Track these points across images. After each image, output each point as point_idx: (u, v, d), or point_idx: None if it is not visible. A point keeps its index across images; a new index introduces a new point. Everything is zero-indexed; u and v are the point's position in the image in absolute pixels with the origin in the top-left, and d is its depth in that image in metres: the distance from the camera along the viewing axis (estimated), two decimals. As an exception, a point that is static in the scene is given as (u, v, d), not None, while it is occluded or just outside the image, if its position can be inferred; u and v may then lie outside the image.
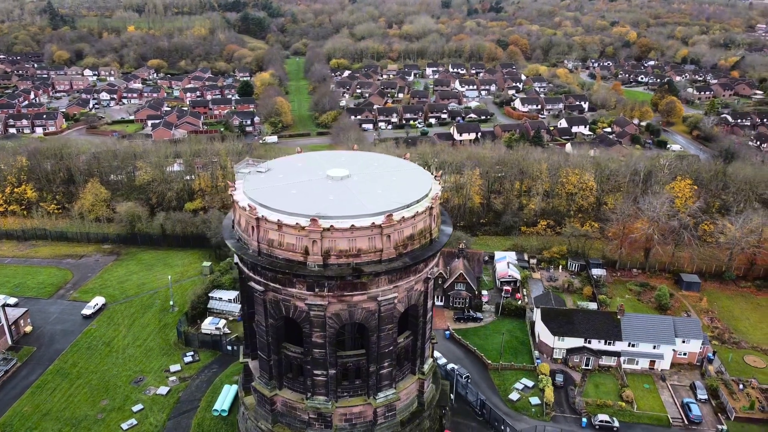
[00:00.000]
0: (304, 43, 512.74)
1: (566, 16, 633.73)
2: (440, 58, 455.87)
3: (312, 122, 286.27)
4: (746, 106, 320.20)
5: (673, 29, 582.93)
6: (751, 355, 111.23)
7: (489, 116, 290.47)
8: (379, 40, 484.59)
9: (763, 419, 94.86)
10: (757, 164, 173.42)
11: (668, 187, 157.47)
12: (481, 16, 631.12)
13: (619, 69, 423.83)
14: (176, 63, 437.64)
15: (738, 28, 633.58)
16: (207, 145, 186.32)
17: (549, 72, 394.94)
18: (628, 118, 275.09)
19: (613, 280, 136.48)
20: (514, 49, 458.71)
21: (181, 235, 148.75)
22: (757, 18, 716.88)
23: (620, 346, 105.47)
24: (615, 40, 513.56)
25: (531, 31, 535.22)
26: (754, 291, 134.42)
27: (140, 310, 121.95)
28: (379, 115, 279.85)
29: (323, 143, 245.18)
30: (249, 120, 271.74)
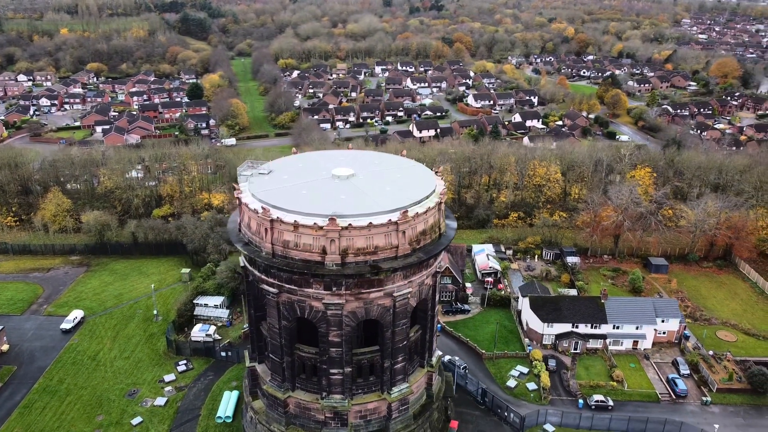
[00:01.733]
0: (248, 43, 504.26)
1: (505, 14, 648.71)
2: (388, 57, 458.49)
3: (268, 123, 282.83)
4: (683, 97, 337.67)
5: (607, 25, 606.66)
6: (722, 330, 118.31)
7: (444, 113, 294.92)
8: (325, 40, 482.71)
9: (741, 389, 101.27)
10: (704, 152, 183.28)
11: (629, 176, 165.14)
12: (424, 15, 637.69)
13: (561, 64, 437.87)
14: (117, 66, 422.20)
15: (665, 23, 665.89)
16: (169, 150, 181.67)
17: (496, 68, 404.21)
18: (577, 111, 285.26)
19: (586, 266, 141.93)
20: (459, 46, 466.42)
21: (155, 242, 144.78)
22: (682, 13, 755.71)
23: (605, 329, 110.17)
24: (554, 36, 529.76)
25: (473, 28, 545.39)
26: (715, 270, 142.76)
27: (122, 321, 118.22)
28: (336, 114, 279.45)
29: (283, 144, 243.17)
30: (204, 123, 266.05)
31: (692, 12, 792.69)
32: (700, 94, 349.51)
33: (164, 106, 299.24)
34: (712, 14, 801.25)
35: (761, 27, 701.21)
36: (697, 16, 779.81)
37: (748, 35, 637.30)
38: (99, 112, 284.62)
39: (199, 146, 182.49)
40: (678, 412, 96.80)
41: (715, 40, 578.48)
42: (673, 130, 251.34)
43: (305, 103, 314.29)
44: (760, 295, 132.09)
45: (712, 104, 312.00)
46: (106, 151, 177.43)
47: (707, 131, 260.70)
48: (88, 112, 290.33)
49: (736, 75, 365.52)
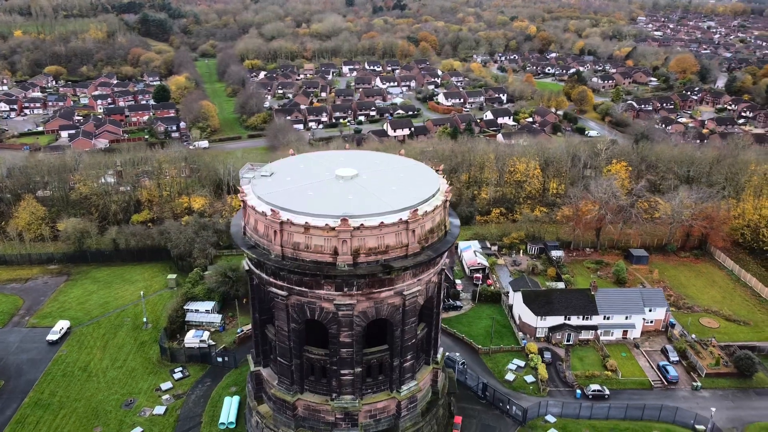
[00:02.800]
0: (211, 44, 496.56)
1: (468, 13, 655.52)
2: (354, 56, 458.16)
3: (239, 125, 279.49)
4: (645, 93, 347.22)
5: (567, 23, 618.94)
6: (704, 317, 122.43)
7: (416, 112, 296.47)
8: (291, 40, 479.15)
9: (728, 373, 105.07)
10: (675, 145, 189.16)
11: (605, 170, 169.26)
12: (387, 14, 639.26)
13: (526, 62, 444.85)
14: (77, 69, 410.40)
15: (622, 20, 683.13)
16: (145, 154, 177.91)
17: (463, 67, 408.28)
18: (546, 108, 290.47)
19: (570, 260, 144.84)
20: (425, 45, 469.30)
21: (137, 248, 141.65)
22: (637, 11, 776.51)
23: (596, 320, 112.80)
24: (517, 35, 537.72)
25: (438, 27, 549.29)
26: (693, 260, 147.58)
27: (111, 330, 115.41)
28: (308, 114, 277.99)
29: (257, 146, 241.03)
30: (174, 125, 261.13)
31: (647, 10, 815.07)
32: (661, 89, 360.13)
33: (131, 109, 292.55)
34: (665, 12, 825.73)
35: (712, 24, 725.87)
36: (652, 13, 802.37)
37: (700, 32, 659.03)
38: (63, 116, 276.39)
39: (176, 149, 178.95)
40: (671, 398, 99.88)
41: (670, 37, 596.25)
42: (639, 125, 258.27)
43: (275, 104, 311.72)
44: (737, 283, 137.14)
45: (674, 99, 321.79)
46: (79, 156, 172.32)
47: (672, 125, 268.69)
48: (51, 117, 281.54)
49: (694, 71, 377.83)
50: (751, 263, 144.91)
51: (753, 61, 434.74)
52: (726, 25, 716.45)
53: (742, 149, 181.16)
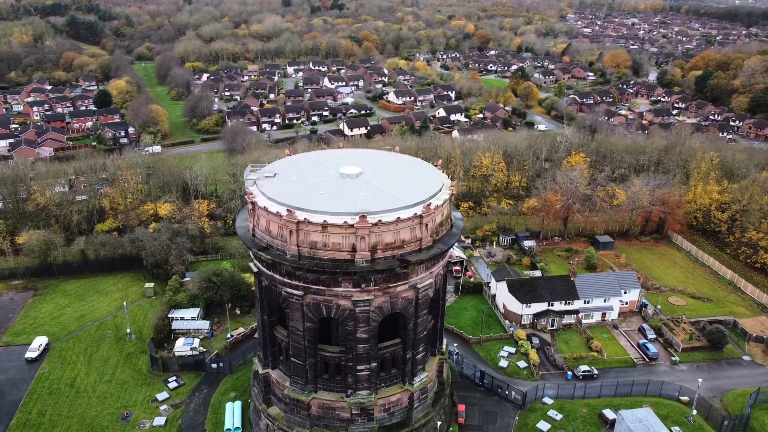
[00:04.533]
0: (147, 47, 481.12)
1: (406, 12, 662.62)
2: (298, 57, 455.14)
3: (189, 129, 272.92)
4: (585, 87, 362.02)
5: (502, 21, 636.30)
6: (672, 296, 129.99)
7: (369, 110, 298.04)
8: (232, 41, 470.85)
9: (702, 346, 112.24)
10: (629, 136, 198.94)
11: (565, 162, 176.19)
12: (326, 14, 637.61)
13: (468, 59, 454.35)
14: (5, 75, 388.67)
15: (553, 18, 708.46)
16: (102, 161, 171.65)
17: (408, 65, 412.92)
18: (495, 104, 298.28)
19: (541, 249, 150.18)
20: (368, 44, 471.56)
21: (108, 258, 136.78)
22: (566, 9, 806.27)
23: (578, 304, 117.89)
24: (456, 33, 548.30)
25: (378, 27, 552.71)
26: (653, 243, 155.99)
27: (92, 343, 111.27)
28: (261, 116, 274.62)
29: (212, 149, 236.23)
30: (123, 131, 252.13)
31: (574, 8, 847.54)
32: (599, 83, 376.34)
33: (72, 116, 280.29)
34: (592, 9, 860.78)
35: (636, 21, 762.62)
36: (579, 11, 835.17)
37: (626, 28, 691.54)
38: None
39: (135, 155, 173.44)
40: (654, 373, 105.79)
41: (599, 34, 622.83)
42: (583, 118, 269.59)
43: (223, 107, 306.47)
44: (695, 263, 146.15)
45: (612, 92, 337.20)
46: (32, 166, 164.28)
47: (614, 117, 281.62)
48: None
49: (627, 65, 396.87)
50: (705, 244, 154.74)
51: (678, 55, 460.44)
52: (648, 22, 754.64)
53: (687, 138, 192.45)
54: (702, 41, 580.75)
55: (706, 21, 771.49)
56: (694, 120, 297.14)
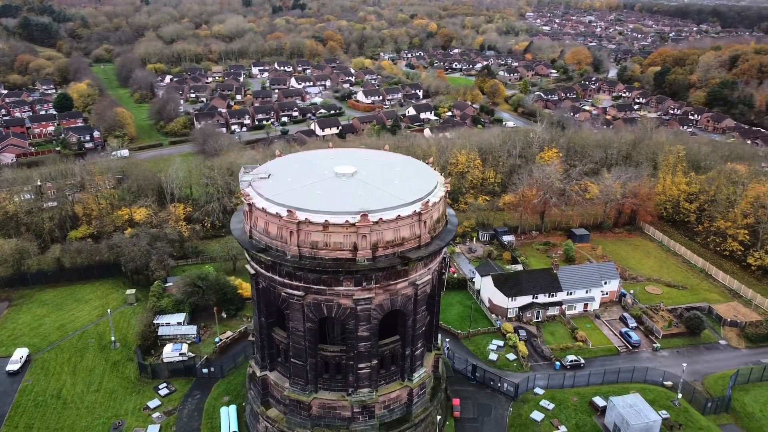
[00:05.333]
0: (106, 49, 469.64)
1: (368, 11, 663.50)
2: (262, 57, 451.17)
3: (156, 132, 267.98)
4: (549, 84, 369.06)
5: (463, 20, 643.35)
6: (648, 285, 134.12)
7: (338, 110, 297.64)
8: (194, 42, 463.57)
9: (680, 332, 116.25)
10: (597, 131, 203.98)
11: (538, 157, 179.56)
12: (288, 14, 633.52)
13: (432, 58, 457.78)
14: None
15: (513, 16, 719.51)
16: (72, 166, 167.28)
17: (374, 65, 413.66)
18: (463, 102, 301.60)
19: (519, 243, 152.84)
20: (333, 44, 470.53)
21: (84, 266, 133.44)
22: (525, 7, 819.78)
23: (561, 296, 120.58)
24: (419, 32, 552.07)
25: (342, 26, 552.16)
26: (626, 234, 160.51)
27: (76, 353, 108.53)
28: (230, 117, 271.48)
29: (182, 152, 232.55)
30: (87, 135, 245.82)
31: (533, 6, 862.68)
32: (562, 80, 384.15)
33: (32, 120, 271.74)
34: (550, 8, 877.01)
35: (592, 18, 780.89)
36: (538, 9, 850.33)
37: (583, 26, 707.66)
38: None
39: (106, 160, 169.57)
40: (637, 360, 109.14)
41: (558, 31, 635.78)
42: (549, 114, 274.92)
43: (189, 109, 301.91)
44: (668, 252, 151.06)
45: (575, 89, 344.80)
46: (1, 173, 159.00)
47: (579, 113, 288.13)
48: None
49: (588, 62, 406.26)
50: (676, 234, 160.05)
51: (636, 51, 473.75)
52: (604, 19, 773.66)
53: (653, 132, 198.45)
54: (656, 38, 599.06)
55: (659, 18, 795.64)
56: (655, 114, 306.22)
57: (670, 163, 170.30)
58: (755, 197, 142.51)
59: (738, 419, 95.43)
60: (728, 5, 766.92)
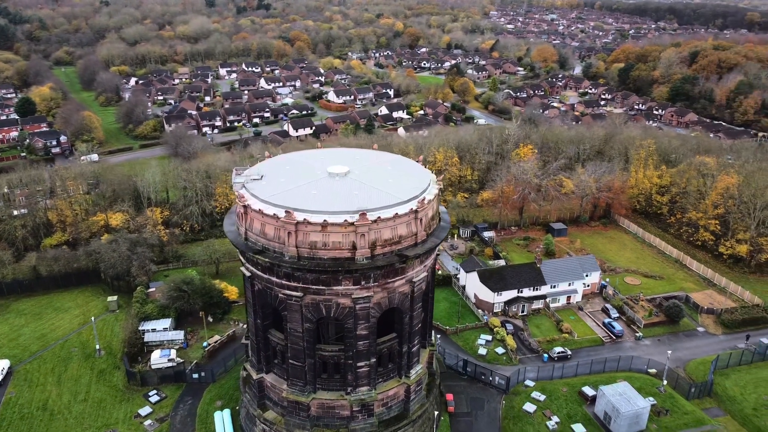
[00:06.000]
0: (66, 51, 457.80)
1: (334, 11, 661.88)
2: (229, 58, 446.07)
3: (125, 135, 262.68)
4: (517, 81, 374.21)
5: (428, 18, 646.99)
6: (627, 276, 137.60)
7: (311, 111, 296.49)
8: (159, 44, 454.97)
9: (660, 321, 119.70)
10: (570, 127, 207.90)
11: (514, 154, 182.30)
12: (253, 14, 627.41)
13: (401, 57, 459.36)
14: None
15: (477, 15, 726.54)
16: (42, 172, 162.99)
17: (343, 64, 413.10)
18: (435, 100, 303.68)
19: (499, 239, 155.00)
20: (300, 44, 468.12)
21: (62, 274, 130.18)
22: (489, 6, 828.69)
23: (545, 289, 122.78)
24: (386, 31, 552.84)
25: (308, 26, 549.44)
26: (602, 228, 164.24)
27: (59, 363, 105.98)
28: (201, 119, 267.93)
29: (155, 155, 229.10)
30: (54, 140, 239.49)
31: (496, 5, 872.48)
32: (529, 77, 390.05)
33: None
34: (513, 6, 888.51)
35: (554, 16, 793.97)
36: (501, 8, 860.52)
37: (546, 24, 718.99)
38: None
39: (79, 165, 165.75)
40: (621, 350, 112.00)
41: (522, 30, 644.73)
42: (519, 111, 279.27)
43: (157, 111, 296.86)
44: (643, 244, 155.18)
45: (543, 86, 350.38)
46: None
47: (548, 110, 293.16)
48: None
49: (554, 59, 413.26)
50: (650, 226, 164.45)
51: (599, 49, 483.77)
52: (566, 18, 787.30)
53: (623, 127, 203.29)
54: (617, 35, 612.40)
55: (618, 16, 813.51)
56: (621, 110, 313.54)
57: (641, 157, 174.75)
58: (725, 188, 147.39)
59: (720, 403, 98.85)
60: (684, 3, 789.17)
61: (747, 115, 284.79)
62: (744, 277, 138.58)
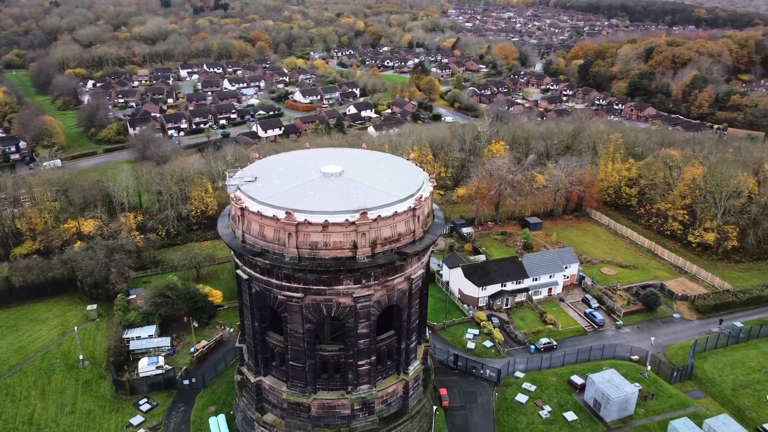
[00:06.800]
0: (17, 54, 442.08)
1: (293, 10, 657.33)
2: (189, 59, 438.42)
3: (87, 140, 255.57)
4: (481, 79, 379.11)
5: (388, 17, 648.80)
6: (603, 267, 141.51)
7: (277, 111, 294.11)
8: (115, 45, 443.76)
9: (638, 309, 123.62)
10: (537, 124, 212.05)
11: (486, 150, 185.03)
12: (211, 14, 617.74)
13: (364, 56, 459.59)
14: None
15: (436, 13, 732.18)
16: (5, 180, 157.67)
17: (307, 64, 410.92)
18: (402, 99, 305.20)
19: (477, 234, 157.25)
20: (262, 44, 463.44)
21: (36, 284, 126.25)
22: (447, 4, 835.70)
23: (527, 282, 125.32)
24: (347, 30, 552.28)
25: (268, 26, 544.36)
26: (575, 221, 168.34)
27: (41, 376, 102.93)
28: (167, 122, 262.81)
29: (120, 159, 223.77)
30: (13, 146, 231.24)
31: (454, 3, 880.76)
32: (492, 75, 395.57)
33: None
34: (470, 4, 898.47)
35: (511, 14, 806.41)
36: (459, 6, 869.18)
37: (503, 22, 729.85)
38: None
39: (47, 172, 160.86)
40: (603, 338, 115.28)
41: (480, 28, 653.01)
42: (484, 108, 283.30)
43: (119, 114, 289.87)
44: (616, 235, 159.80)
45: (506, 83, 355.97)
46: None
47: (513, 107, 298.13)
48: None
49: (515, 57, 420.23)
50: (620, 217, 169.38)
51: (557, 46, 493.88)
52: (523, 15, 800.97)
53: (590, 122, 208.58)
54: (573, 32, 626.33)
55: (573, 13, 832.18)
56: (582, 105, 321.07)
57: (609, 151, 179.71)
58: (691, 179, 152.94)
59: (701, 385, 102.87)
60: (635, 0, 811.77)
61: (702, 109, 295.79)
62: (712, 264, 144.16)
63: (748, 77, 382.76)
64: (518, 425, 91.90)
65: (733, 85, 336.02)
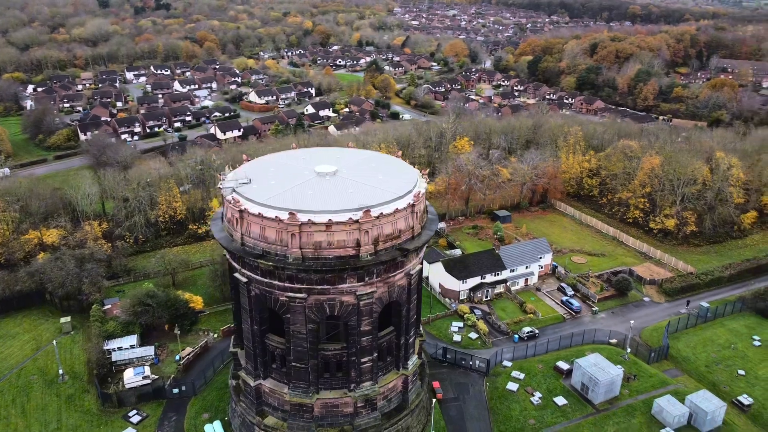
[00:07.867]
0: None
1: (238, 10, 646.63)
2: (134, 61, 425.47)
3: (35, 146, 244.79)
4: (433, 77, 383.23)
5: (335, 16, 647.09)
6: (574, 256, 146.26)
7: (234, 112, 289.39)
8: (54, 48, 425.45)
9: (611, 295, 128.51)
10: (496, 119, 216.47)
11: (452, 146, 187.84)
12: (153, 15, 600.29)
13: (315, 56, 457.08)
14: None
15: (383, 12, 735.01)
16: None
17: (258, 64, 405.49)
18: (359, 98, 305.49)
19: (449, 229, 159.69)
20: (210, 45, 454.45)
21: (2, 298, 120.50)
22: (392, 3, 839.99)
23: (505, 274, 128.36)
24: (295, 29, 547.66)
25: (214, 26, 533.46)
26: (542, 212, 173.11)
27: (19, 393, 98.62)
28: (119, 126, 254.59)
29: (73, 166, 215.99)
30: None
31: (399, 1, 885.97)
32: (444, 72, 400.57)
33: None
34: (415, 2, 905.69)
35: (455, 12, 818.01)
36: (404, 4, 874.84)
37: (449, 20, 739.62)
38: None
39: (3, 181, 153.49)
40: (581, 325, 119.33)
41: (427, 26, 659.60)
42: (440, 105, 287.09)
43: (65, 119, 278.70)
44: (581, 225, 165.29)
45: (459, 80, 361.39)
46: None
47: (469, 103, 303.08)
48: None
49: (465, 54, 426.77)
50: (584, 207, 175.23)
51: (504, 42, 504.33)
52: (467, 13, 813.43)
53: (548, 116, 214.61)
54: (516, 29, 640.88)
55: (515, 11, 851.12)
56: (534, 100, 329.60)
57: (570, 143, 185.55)
58: (650, 168, 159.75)
59: (677, 364, 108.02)
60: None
61: (648, 101, 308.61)
62: (673, 249, 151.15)
63: (685, 70, 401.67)
64: (512, 413, 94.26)
65: (673, 78, 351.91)
